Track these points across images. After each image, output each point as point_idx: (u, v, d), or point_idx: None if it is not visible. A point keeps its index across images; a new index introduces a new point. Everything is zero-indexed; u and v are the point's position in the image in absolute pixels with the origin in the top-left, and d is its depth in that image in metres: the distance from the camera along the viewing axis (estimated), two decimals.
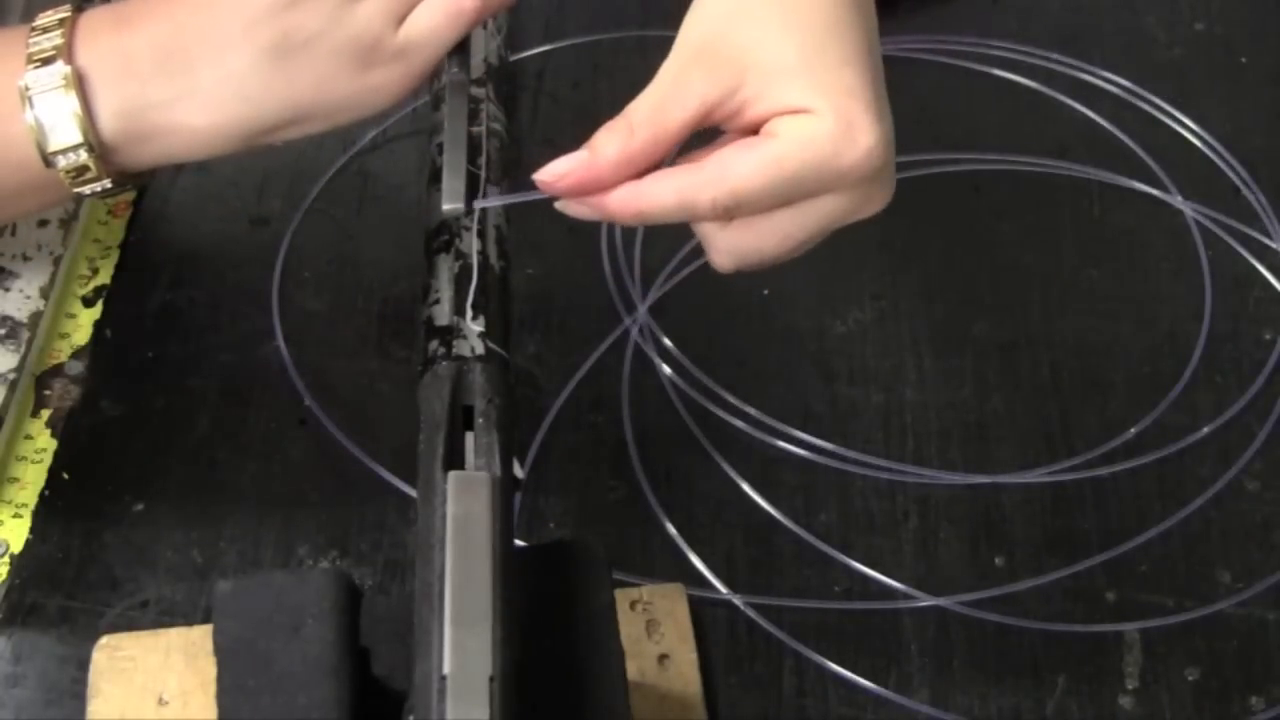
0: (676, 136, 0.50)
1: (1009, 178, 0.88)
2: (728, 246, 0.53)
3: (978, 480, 0.75)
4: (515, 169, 0.62)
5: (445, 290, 0.57)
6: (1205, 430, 0.77)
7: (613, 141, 0.50)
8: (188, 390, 0.77)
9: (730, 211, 0.50)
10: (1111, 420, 0.78)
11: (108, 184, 0.56)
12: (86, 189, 0.56)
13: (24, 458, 0.75)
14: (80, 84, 0.54)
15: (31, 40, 0.55)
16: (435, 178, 0.60)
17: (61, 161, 0.54)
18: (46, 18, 0.56)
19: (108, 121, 0.54)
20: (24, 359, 0.76)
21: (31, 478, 0.74)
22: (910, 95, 0.91)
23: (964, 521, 0.74)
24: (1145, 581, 0.72)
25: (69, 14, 0.56)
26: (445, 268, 0.58)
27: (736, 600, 0.71)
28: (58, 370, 0.77)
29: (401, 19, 0.54)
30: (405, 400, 0.70)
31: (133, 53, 0.54)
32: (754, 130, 0.51)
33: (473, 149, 0.56)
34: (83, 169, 0.55)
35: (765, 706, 0.69)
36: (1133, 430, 0.77)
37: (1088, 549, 0.73)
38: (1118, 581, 0.72)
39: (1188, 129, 0.89)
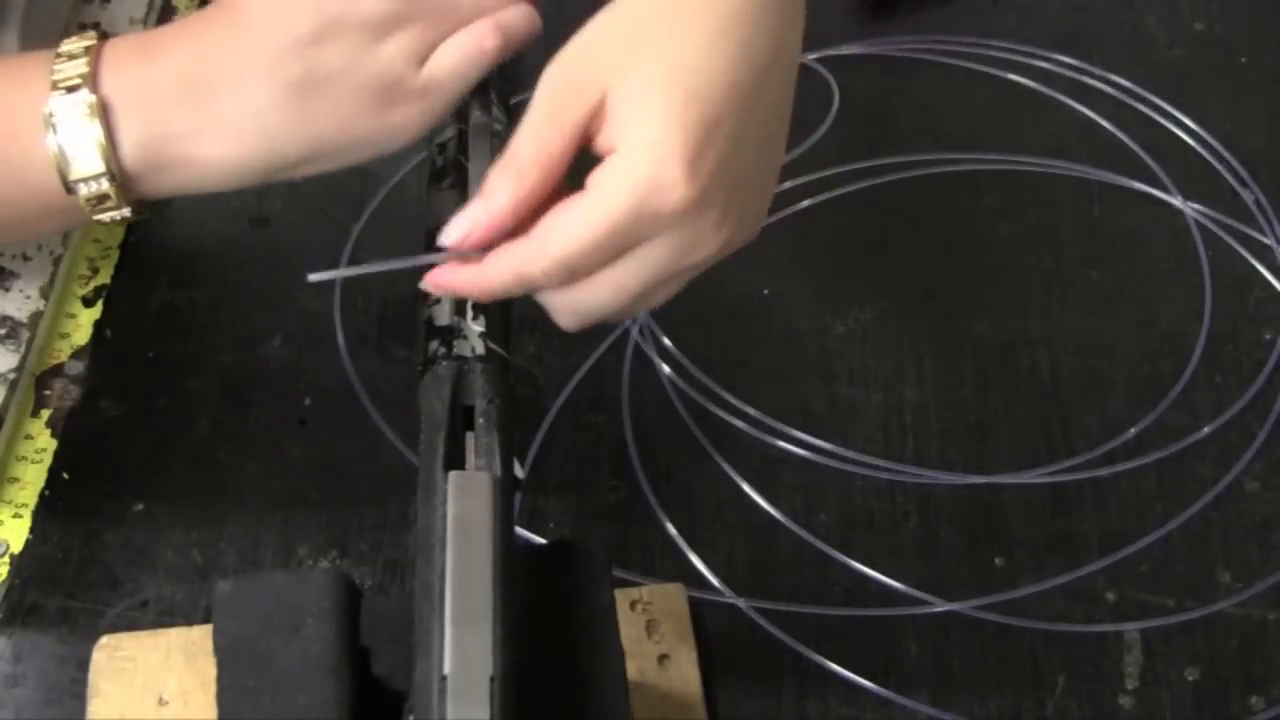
0: (562, 164, 0.50)
1: (1009, 178, 0.88)
2: (565, 306, 0.53)
3: (978, 480, 0.75)
4: None
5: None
6: (1205, 430, 0.77)
7: (505, 187, 0.50)
8: (188, 390, 0.77)
9: (567, 278, 0.50)
10: (1111, 420, 0.78)
11: (126, 212, 0.56)
12: (105, 215, 0.56)
13: (24, 458, 0.75)
14: (104, 113, 0.53)
15: (56, 66, 0.55)
16: (435, 177, 0.60)
17: (83, 189, 0.54)
18: (72, 43, 0.56)
19: (130, 151, 0.54)
20: (24, 359, 0.76)
21: (31, 478, 0.74)
22: (910, 95, 0.92)
23: (964, 522, 0.74)
24: (1145, 581, 0.72)
25: (94, 41, 0.56)
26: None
27: (740, 604, 0.71)
28: (58, 370, 0.77)
29: (424, 58, 0.54)
30: (406, 400, 0.70)
31: (156, 82, 0.54)
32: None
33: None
34: (103, 197, 0.54)
35: (765, 706, 0.69)
36: (1133, 430, 0.77)
37: (1088, 549, 0.73)
38: (1118, 582, 0.72)
39: (1187, 129, 0.89)
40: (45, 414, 0.76)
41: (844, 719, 0.68)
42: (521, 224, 0.51)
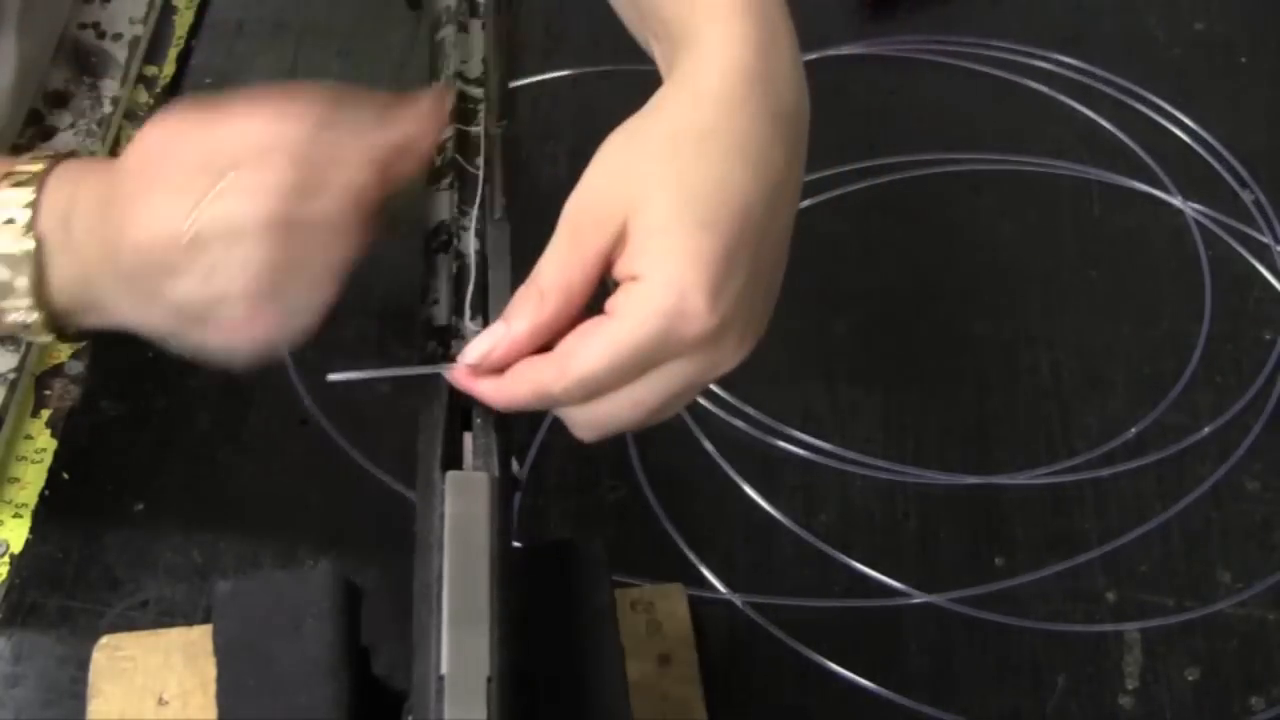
0: (584, 293, 0.51)
1: (1009, 178, 0.87)
2: (585, 421, 0.53)
3: (978, 480, 0.75)
4: (515, 170, 0.62)
5: (444, 290, 0.57)
6: (1205, 430, 0.77)
7: (526, 313, 0.51)
8: (188, 390, 0.77)
9: (586, 397, 0.51)
10: (1111, 420, 0.78)
11: (50, 338, 0.56)
12: (29, 337, 0.56)
13: (24, 458, 0.75)
14: (39, 251, 0.53)
15: (2, 191, 0.54)
16: (434, 177, 0.60)
17: (9, 317, 0.54)
18: (24, 166, 0.55)
19: (59, 293, 0.54)
20: (24, 359, 0.76)
21: (31, 478, 0.74)
22: (910, 95, 0.92)
23: (964, 522, 0.74)
24: (1145, 581, 0.72)
25: (42, 168, 0.55)
26: (444, 268, 0.58)
27: (736, 600, 0.71)
28: (58, 370, 0.77)
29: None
30: (406, 400, 0.70)
31: (83, 236, 0.54)
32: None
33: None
34: (27, 325, 0.55)
35: (765, 706, 0.69)
36: (1133, 430, 0.77)
37: (1088, 549, 0.73)
38: (1118, 581, 0.72)
39: (1187, 129, 0.89)
40: (45, 414, 0.76)
41: (843, 718, 0.68)
42: (536, 348, 0.52)
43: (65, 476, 0.74)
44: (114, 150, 0.86)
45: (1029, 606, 0.71)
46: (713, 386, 0.78)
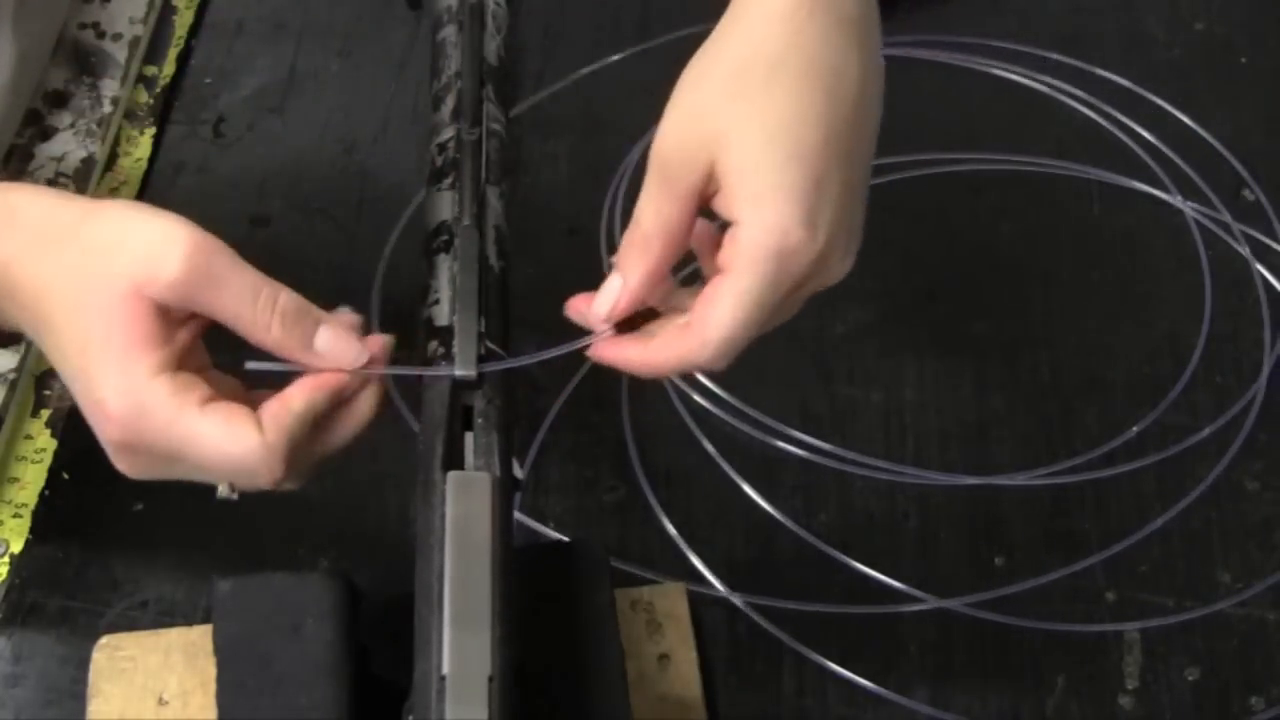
0: (684, 230, 0.53)
1: (1009, 178, 0.87)
2: (714, 363, 0.54)
3: (978, 481, 0.75)
4: (515, 169, 0.62)
5: (445, 290, 0.57)
6: (1205, 430, 0.77)
7: (638, 261, 0.53)
8: None
9: (728, 356, 0.53)
10: (1111, 420, 0.78)
11: None
12: None
13: (24, 458, 0.75)
14: None
15: None
16: (434, 177, 0.60)
17: None
18: None
19: None
20: (24, 359, 0.76)
21: (31, 478, 0.74)
22: (910, 95, 0.91)
23: (964, 522, 0.74)
24: (1145, 581, 0.72)
25: None
26: (445, 268, 0.58)
27: (736, 599, 0.71)
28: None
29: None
30: (406, 400, 0.70)
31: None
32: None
33: (482, 300, 0.57)
34: None
35: (765, 706, 0.69)
36: (1133, 430, 0.77)
37: (1088, 549, 0.73)
38: (1118, 581, 0.72)
39: (1187, 129, 0.89)
40: (45, 414, 0.76)
41: (843, 718, 0.68)
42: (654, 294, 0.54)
43: (65, 476, 0.74)
44: (114, 150, 0.86)
45: (1029, 607, 0.71)
46: (713, 387, 0.77)
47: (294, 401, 0.53)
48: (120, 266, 0.50)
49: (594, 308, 0.55)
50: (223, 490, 0.54)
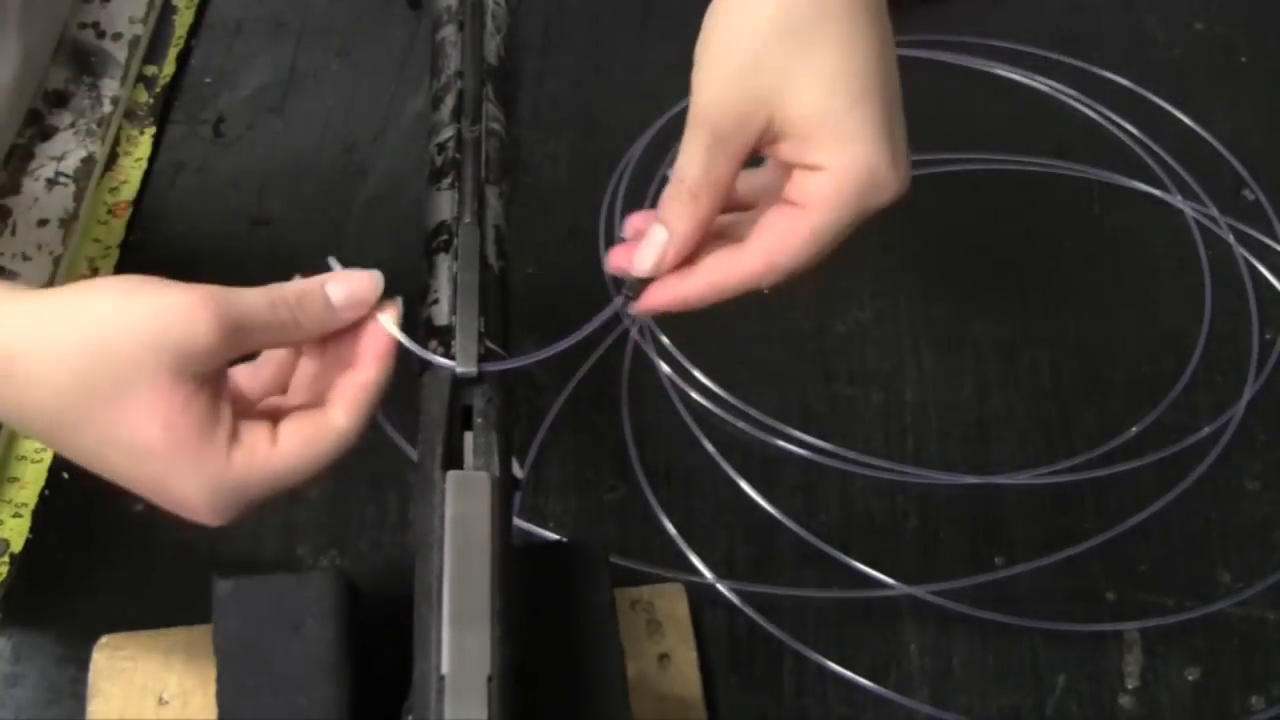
0: (730, 187, 0.54)
1: (1009, 178, 0.87)
2: (772, 284, 0.56)
3: (978, 480, 0.75)
4: (515, 169, 0.62)
5: (444, 290, 0.57)
6: (1205, 430, 0.77)
7: (683, 215, 0.54)
8: None
9: (787, 280, 0.55)
10: (1111, 420, 0.78)
11: None
12: None
13: (24, 458, 0.75)
14: None
15: None
16: (434, 177, 0.60)
17: None
18: None
19: None
20: None
21: (31, 478, 0.74)
22: (910, 95, 0.91)
23: (964, 521, 0.74)
24: (1145, 581, 0.72)
25: None
26: (444, 267, 0.58)
27: (735, 599, 0.71)
28: None
29: None
30: (406, 400, 0.70)
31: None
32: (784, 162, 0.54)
33: (483, 299, 0.57)
34: None
35: (765, 706, 0.69)
36: (1133, 430, 0.77)
37: (1087, 549, 0.73)
38: (1118, 581, 0.72)
39: (1187, 129, 0.89)
40: None
41: (843, 718, 0.68)
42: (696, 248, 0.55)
43: (65, 476, 0.74)
44: (114, 150, 0.87)
45: (1029, 606, 0.71)
46: (713, 386, 0.78)
47: (367, 374, 0.53)
48: (148, 364, 0.49)
49: (638, 261, 0.55)
50: None
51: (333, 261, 0.55)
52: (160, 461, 0.50)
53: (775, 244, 0.54)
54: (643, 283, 0.55)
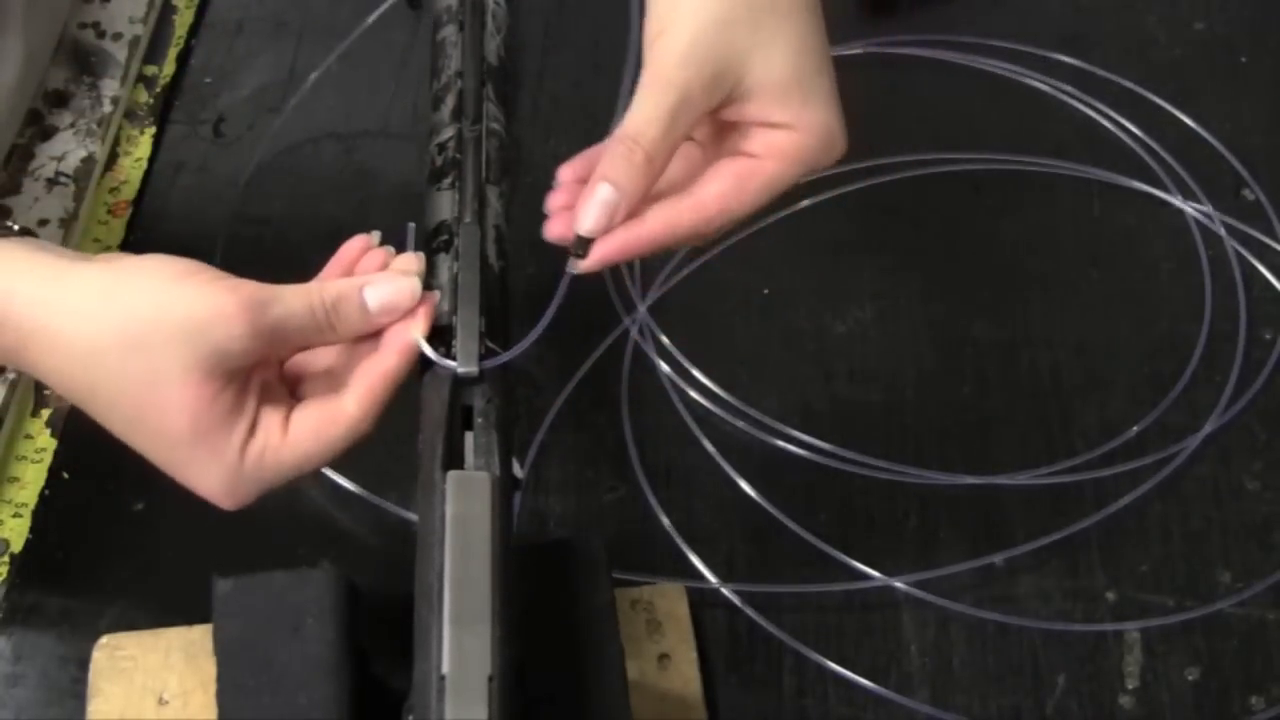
0: (679, 145, 0.55)
1: (1009, 178, 0.87)
2: (714, 236, 0.58)
3: (978, 480, 0.75)
4: (515, 168, 0.62)
5: (445, 289, 0.57)
6: (1205, 430, 0.77)
7: (637, 175, 0.54)
8: None
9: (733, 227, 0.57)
10: (1111, 420, 0.78)
11: None
12: None
13: (24, 458, 0.75)
14: None
15: None
16: (434, 177, 0.60)
17: None
18: None
19: None
20: None
21: (31, 478, 0.74)
22: (910, 95, 0.92)
23: (964, 521, 0.74)
24: (1145, 581, 0.72)
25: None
26: (445, 267, 0.58)
27: (735, 599, 0.71)
28: None
29: None
30: (406, 400, 0.70)
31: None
32: (737, 123, 0.56)
33: (484, 299, 0.57)
34: None
35: (765, 706, 0.69)
36: (1133, 430, 0.77)
37: (1087, 549, 0.73)
38: (1118, 581, 0.72)
39: (1188, 129, 0.89)
40: (45, 414, 0.76)
41: (843, 718, 0.68)
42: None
43: (65, 476, 0.74)
44: (114, 149, 0.87)
45: (1029, 606, 0.71)
46: (713, 386, 0.78)
47: (386, 363, 0.55)
48: (185, 359, 0.51)
49: (586, 222, 0.54)
50: None
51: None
52: (183, 450, 0.52)
53: (732, 190, 0.56)
54: (585, 241, 0.55)
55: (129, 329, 0.51)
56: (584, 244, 0.54)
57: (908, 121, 0.90)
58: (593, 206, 0.54)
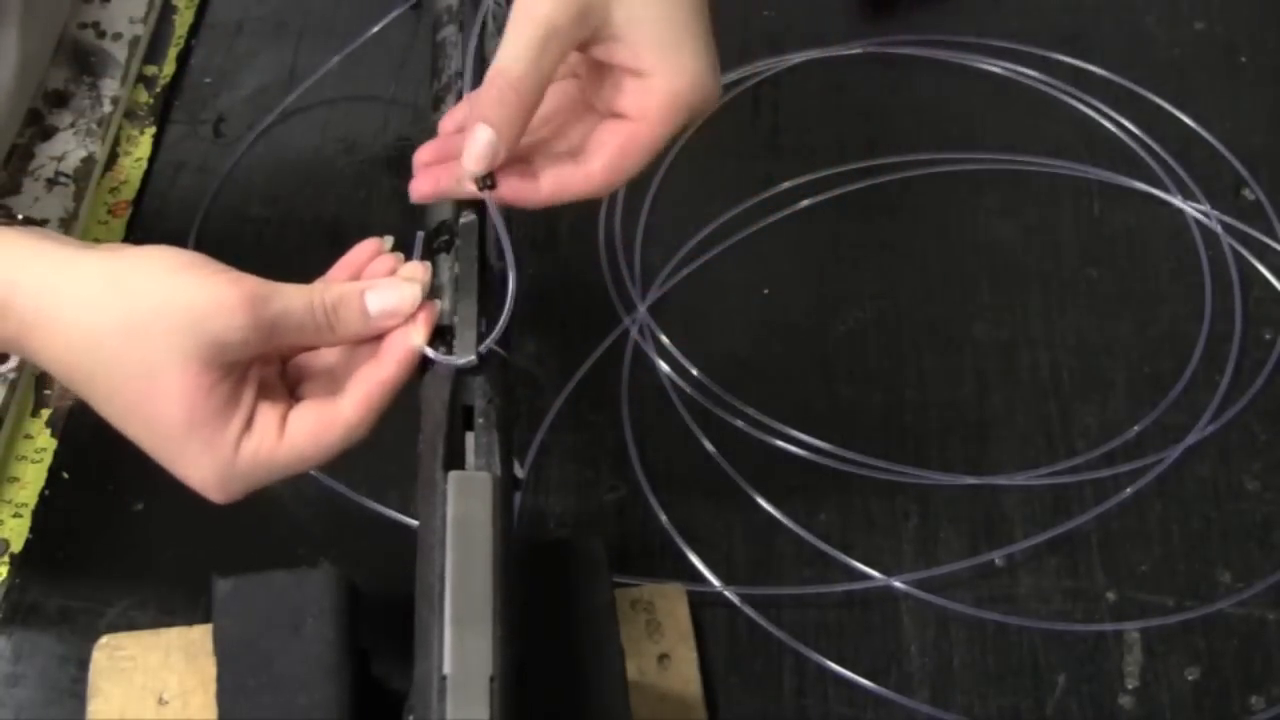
0: (550, 81, 0.56)
1: (1009, 178, 0.87)
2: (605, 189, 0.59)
3: (978, 480, 0.75)
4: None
5: (445, 289, 0.57)
6: (1205, 430, 0.77)
7: (509, 111, 0.55)
8: None
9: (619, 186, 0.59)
10: (1111, 420, 0.78)
11: None
12: None
13: (24, 458, 0.75)
14: None
15: None
16: None
17: None
18: None
19: None
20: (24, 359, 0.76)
21: (31, 478, 0.74)
22: (910, 95, 0.92)
23: (964, 521, 0.74)
24: (1145, 581, 0.72)
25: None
26: (445, 267, 0.58)
27: (735, 598, 0.71)
28: None
29: None
30: (406, 400, 0.70)
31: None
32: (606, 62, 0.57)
33: (483, 299, 0.57)
34: None
35: (765, 706, 0.69)
36: (1133, 430, 0.77)
37: (1087, 549, 0.73)
38: (1118, 581, 0.72)
39: (1187, 129, 0.89)
40: (45, 414, 0.76)
41: (844, 718, 0.68)
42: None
43: (65, 476, 0.74)
44: (114, 150, 0.86)
45: (1029, 606, 0.71)
46: (713, 386, 0.78)
47: (385, 371, 0.55)
48: (183, 349, 0.51)
49: (468, 163, 0.55)
50: None
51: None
52: (177, 441, 0.53)
53: (617, 160, 0.57)
54: (485, 175, 0.56)
55: (130, 317, 0.51)
56: (485, 179, 0.56)
57: (908, 121, 0.90)
58: (475, 148, 0.55)
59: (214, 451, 0.53)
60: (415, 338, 0.55)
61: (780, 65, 0.91)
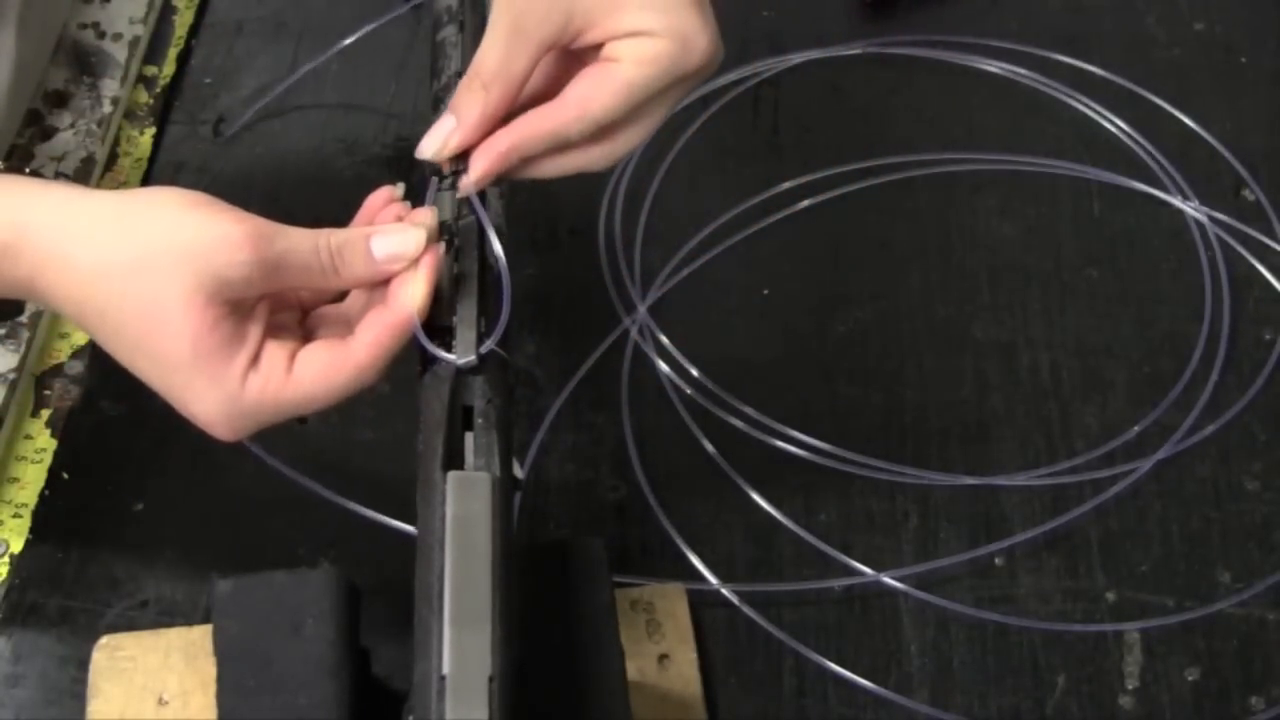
0: (523, 81, 0.56)
1: (1009, 178, 0.88)
2: (601, 154, 0.59)
3: (978, 481, 0.75)
4: None
5: (445, 290, 0.57)
6: (1205, 430, 0.77)
7: (473, 105, 0.56)
8: None
9: (599, 134, 0.58)
10: (1111, 420, 0.78)
11: None
12: None
13: (24, 458, 0.75)
14: None
15: None
16: (434, 175, 0.60)
17: None
18: None
19: None
20: (24, 359, 0.76)
21: (31, 478, 0.74)
22: (910, 95, 0.92)
23: (964, 521, 0.74)
24: (1145, 581, 0.73)
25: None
26: (445, 268, 0.57)
27: (735, 599, 0.71)
28: (58, 370, 0.77)
29: None
30: (406, 400, 0.70)
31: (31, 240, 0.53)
32: (594, 47, 0.57)
33: (483, 299, 0.57)
34: None
35: (765, 706, 0.69)
36: (1133, 430, 0.77)
37: (1087, 549, 0.73)
38: (1118, 581, 0.72)
39: (1187, 129, 0.89)
40: (45, 414, 0.76)
41: (843, 718, 0.68)
42: (485, 138, 0.57)
43: (65, 476, 0.74)
44: (114, 150, 0.86)
45: (1029, 606, 0.71)
46: (713, 386, 0.78)
47: (397, 316, 0.55)
48: (188, 283, 0.52)
49: (422, 146, 0.57)
50: None
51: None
52: (183, 374, 0.53)
53: (589, 93, 0.56)
54: (456, 159, 0.57)
55: (137, 253, 0.52)
56: (459, 161, 0.57)
57: (907, 121, 0.90)
58: (433, 132, 0.57)
59: (219, 386, 0.53)
60: (415, 287, 0.55)
61: (780, 65, 0.91)
